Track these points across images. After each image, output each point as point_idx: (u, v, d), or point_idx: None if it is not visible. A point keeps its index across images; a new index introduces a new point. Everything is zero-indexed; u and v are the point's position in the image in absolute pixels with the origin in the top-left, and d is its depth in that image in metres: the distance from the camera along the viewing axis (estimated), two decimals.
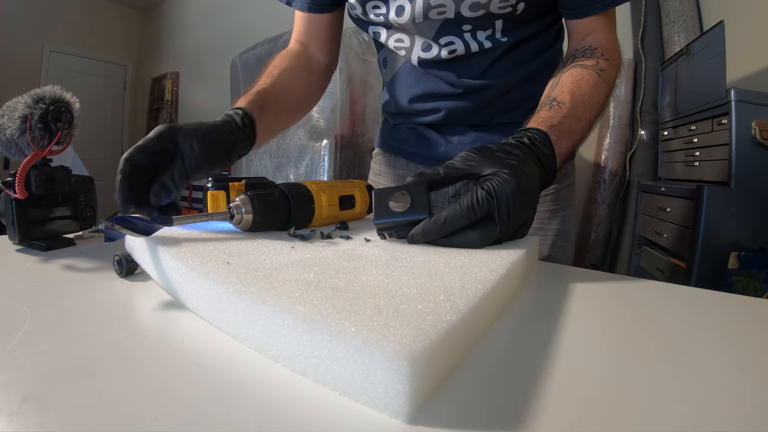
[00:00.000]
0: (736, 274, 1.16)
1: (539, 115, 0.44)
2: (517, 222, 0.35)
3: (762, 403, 0.19)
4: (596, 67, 0.47)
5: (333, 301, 0.21)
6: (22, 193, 0.40)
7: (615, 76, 0.49)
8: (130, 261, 0.33)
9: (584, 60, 0.48)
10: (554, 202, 0.60)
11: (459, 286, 0.24)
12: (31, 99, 0.41)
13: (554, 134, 0.41)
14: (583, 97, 0.45)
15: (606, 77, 0.47)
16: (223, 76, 2.87)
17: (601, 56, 0.48)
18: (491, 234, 0.34)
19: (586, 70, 0.47)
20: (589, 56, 0.48)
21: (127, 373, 0.19)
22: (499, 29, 0.52)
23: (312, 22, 0.63)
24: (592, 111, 0.46)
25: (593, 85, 0.46)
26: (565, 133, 0.42)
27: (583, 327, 0.27)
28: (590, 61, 0.48)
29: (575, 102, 0.44)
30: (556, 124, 0.42)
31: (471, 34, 0.52)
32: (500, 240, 0.36)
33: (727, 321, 0.30)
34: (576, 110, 0.44)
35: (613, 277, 0.39)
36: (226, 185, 0.46)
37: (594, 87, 0.46)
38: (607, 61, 0.48)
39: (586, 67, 0.47)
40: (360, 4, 0.54)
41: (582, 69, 0.47)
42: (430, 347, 0.17)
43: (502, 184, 0.34)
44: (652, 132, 1.77)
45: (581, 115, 0.44)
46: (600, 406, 0.18)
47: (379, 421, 0.16)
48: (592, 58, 0.48)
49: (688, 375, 0.21)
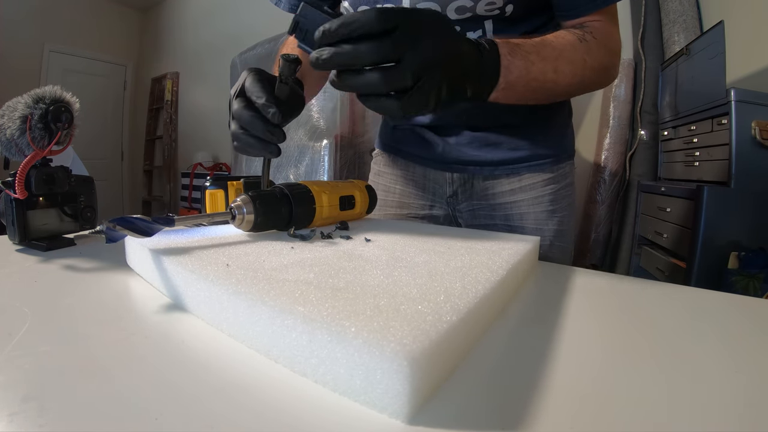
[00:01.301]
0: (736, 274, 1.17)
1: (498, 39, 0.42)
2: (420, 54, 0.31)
3: (761, 403, 0.19)
4: (580, 36, 0.46)
5: (333, 301, 0.21)
6: (22, 193, 0.40)
7: (602, 58, 0.47)
8: None
9: (571, 28, 0.47)
10: (552, 202, 0.59)
11: (459, 287, 0.24)
12: (31, 99, 0.41)
13: (504, 47, 0.39)
14: (554, 44, 0.43)
15: (588, 47, 0.45)
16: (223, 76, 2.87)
17: (590, 33, 0.46)
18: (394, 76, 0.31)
19: (569, 32, 0.46)
20: (578, 28, 0.47)
21: (127, 373, 0.19)
22: (490, 30, 0.51)
23: None
24: (561, 61, 0.43)
25: (570, 42, 0.45)
26: (520, 55, 0.40)
27: (582, 327, 0.27)
28: (577, 30, 0.47)
29: (543, 43, 0.43)
30: (513, 43, 0.40)
31: None
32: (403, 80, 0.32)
33: (726, 321, 0.30)
34: (542, 48, 0.42)
35: (613, 277, 0.39)
36: (224, 184, 0.46)
37: (570, 44, 0.44)
38: (595, 39, 0.46)
39: (570, 31, 0.46)
40: (352, 8, 0.54)
41: (565, 31, 0.46)
42: (430, 347, 0.17)
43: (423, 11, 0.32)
44: (652, 132, 1.77)
45: (547, 55, 0.42)
46: (600, 406, 0.18)
47: (379, 421, 0.17)
48: (579, 28, 0.47)
49: (687, 375, 0.21)
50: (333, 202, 0.45)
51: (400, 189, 0.68)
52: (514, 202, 0.60)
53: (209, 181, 0.47)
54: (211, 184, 0.46)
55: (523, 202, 0.60)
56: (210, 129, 3.55)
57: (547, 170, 0.59)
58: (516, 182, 0.60)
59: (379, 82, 0.31)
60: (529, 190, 0.59)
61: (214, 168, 3.39)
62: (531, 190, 0.59)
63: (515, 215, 0.60)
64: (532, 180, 0.59)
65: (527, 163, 0.59)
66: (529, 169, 0.59)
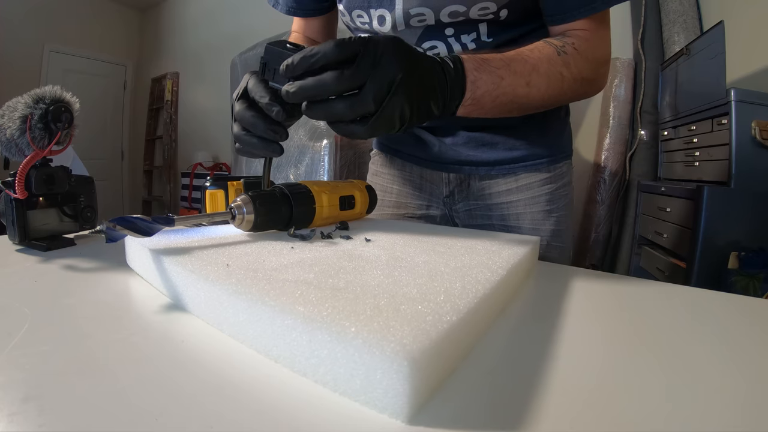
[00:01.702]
0: (736, 274, 1.17)
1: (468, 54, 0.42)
2: (383, 78, 0.33)
3: (761, 403, 0.19)
4: (560, 48, 0.45)
5: (333, 301, 0.21)
6: (22, 193, 0.40)
7: (582, 68, 0.46)
8: None
9: (552, 39, 0.46)
10: (549, 202, 0.59)
11: (459, 287, 0.24)
12: (31, 99, 0.41)
13: (471, 62, 0.40)
14: (527, 59, 0.43)
15: (566, 60, 0.45)
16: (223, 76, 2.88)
17: (571, 44, 0.46)
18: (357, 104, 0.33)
19: (548, 45, 0.45)
20: (559, 39, 0.46)
21: (127, 373, 0.19)
22: (484, 32, 0.51)
23: (307, 22, 0.65)
24: (534, 75, 0.43)
25: (546, 56, 0.44)
26: (487, 70, 0.40)
27: (582, 327, 0.27)
28: (557, 41, 0.46)
29: (516, 57, 0.43)
30: (480, 59, 0.40)
31: (455, 37, 0.52)
32: (366, 106, 0.33)
33: (726, 321, 0.30)
34: (513, 63, 0.42)
35: (613, 277, 0.39)
36: (224, 184, 0.46)
37: (546, 58, 0.44)
38: (576, 51, 0.45)
39: (550, 44, 0.45)
40: (347, 11, 0.54)
41: (544, 43, 0.45)
42: (430, 347, 0.17)
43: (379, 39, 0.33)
44: (652, 132, 1.77)
45: (518, 69, 0.42)
46: (599, 406, 0.18)
47: (379, 421, 0.17)
48: (560, 40, 0.46)
49: (687, 375, 0.21)
50: (333, 202, 0.45)
51: (397, 189, 0.68)
52: (510, 202, 0.60)
53: (209, 181, 0.47)
54: (211, 184, 0.46)
55: (520, 202, 0.60)
56: (210, 129, 3.55)
57: (543, 170, 0.59)
58: (513, 182, 0.60)
59: (344, 110, 0.33)
60: (526, 190, 0.59)
61: (214, 168, 3.39)
62: (528, 190, 0.59)
63: (512, 215, 0.60)
64: (529, 180, 0.59)
65: (524, 163, 0.59)
66: (525, 169, 0.59)
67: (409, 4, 0.49)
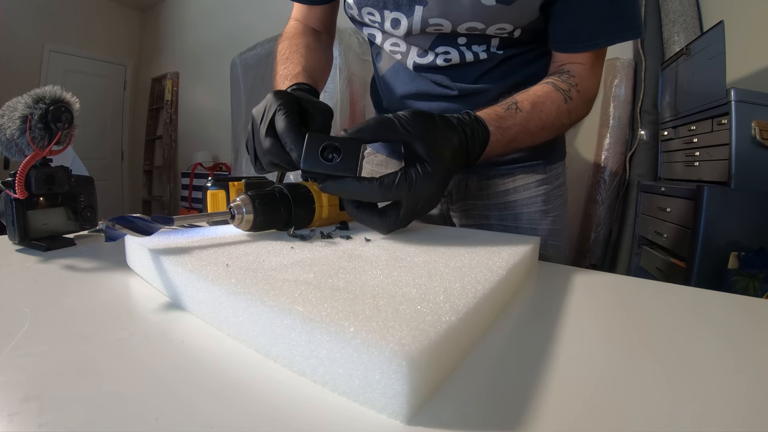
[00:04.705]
0: (736, 274, 1.16)
1: (495, 109, 0.45)
2: (419, 214, 0.38)
3: (760, 403, 0.19)
4: (567, 94, 0.48)
5: (332, 301, 0.21)
6: (22, 193, 0.40)
7: (580, 113, 0.50)
8: None
9: (560, 82, 0.49)
10: (545, 202, 0.60)
11: (459, 287, 0.24)
12: (31, 99, 0.41)
13: (495, 135, 0.42)
14: (541, 116, 0.46)
15: (570, 107, 0.48)
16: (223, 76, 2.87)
17: (575, 86, 0.49)
18: (391, 224, 0.37)
19: (558, 92, 0.48)
20: (565, 81, 0.49)
21: (127, 373, 0.19)
22: (495, 45, 0.53)
23: (309, 10, 0.65)
24: (542, 132, 0.47)
25: (557, 109, 0.47)
26: (506, 139, 0.44)
27: (582, 327, 0.27)
28: (564, 85, 0.48)
29: (532, 115, 0.45)
30: (504, 128, 0.43)
31: (466, 46, 0.53)
32: (401, 227, 0.39)
33: (726, 321, 0.30)
34: (529, 123, 0.45)
35: (613, 277, 0.39)
36: (225, 185, 0.46)
37: (556, 111, 0.47)
38: (579, 93, 0.49)
39: (558, 89, 0.48)
40: (357, 6, 0.54)
41: (554, 89, 0.48)
42: (429, 348, 0.17)
43: (424, 182, 0.35)
44: (652, 132, 1.77)
45: (531, 129, 0.46)
46: (599, 406, 0.18)
47: (378, 421, 0.17)
48: (566, 83, 0.49)
49: (687, 375, 0.21)
50: (333, 201, 0.45)
51: None
52: (508, 202, 0.61)
53: (210, 181, 0.47)
54: (212, 184, 0.46)
55: (517, 203, 0.61)
56: (210, 129, 3.55)
57: (540, 171, 0.60)
58: (510, 183, 0.61)
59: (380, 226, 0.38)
60: (523, 190, 0.61)
61: (214, 168, 3.39)
62: (525, 190, 0.61)
63: (509, 215, 0.61)
64: (526, 180, 0.60)
65: (521, 164, 0.60)
66: (523, 170, 0.60)
67: (429, 14, 0.49)
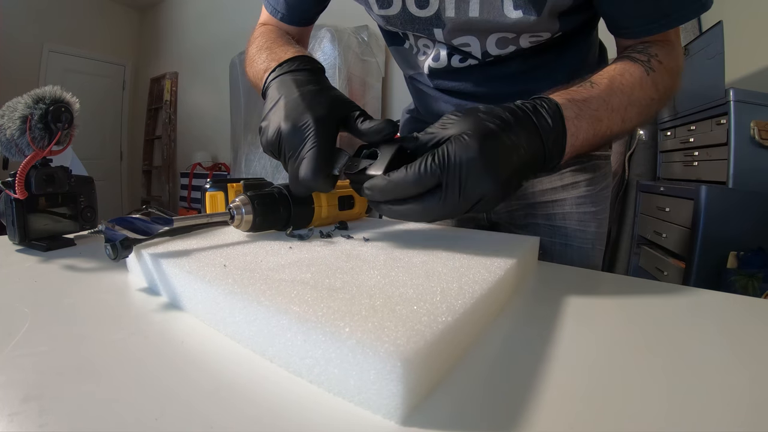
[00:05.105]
0: (735, 274, 1.17)
1: (566, 89, 0.38)
2: (470, 197, 0.30)
3: (760, 403, 0.19)
4: (647, 64, 0.41)
5: (328, 301, 0.21)
6: (22, 193, 0.40)
7: (668, 86, 0.43)
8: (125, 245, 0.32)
9: (635, 54, 0.42)
10: (594, 203, 0.56)
11: (456, 287, 0.24)
12: (31, 99, 0.41)
13: (571, 109, 0.35)
14: (623, 88, 0.39)
15: (655, 78, 0.41)
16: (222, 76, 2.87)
17: (655, 56, 0.42)
18: (434, 210, 0.31)
19: (635, 63, 0.41)
20: (641, 51, 0.43)
21: (127, 373, 0.19)
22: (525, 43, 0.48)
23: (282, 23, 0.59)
24: (630, 108, 0.39)
25: (638, 80, 0.40)
26: (588, 114, 0.36)
27: (581, 327, 0.27)
28: (642, 55, 0.42)
29: (612, 88, 0.39)
30: (579, 100, 0.36)
31: None
32: (452, 215, 0.32)
33: (726, 321, 0.30)
34: (611, 97, 0.38)
35: (612, 277, 0.39)
36: (224, 186, 0.46)
37: (639, 83, 0.40)
38: (660, 64, 0.42)
39: (636, 60, 0.41)
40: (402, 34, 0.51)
41: (630, 61, 0.41)
42: (425, 348, 0.17)
43: (457, 150, 0.29)
44: (651, 132, 1.77)
45: (616, 105, 0.38)
46: (598, 406, 0.18)
47: (373, 422, 0.17)
48: (644, 53, 0.42)
49: (686, 375, 0.21)
50: (332, 202, 0.45)
51: None
52: (556, 201, 0.57)
53: (209, 183, 0.47)
54: (211, 186, 0.46)
55: (566, 202, 0.56)
56: (209, 129, 3.54)
57: (589, 170, 0.56)
58: (557, 180, 0.56)
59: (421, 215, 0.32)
60: (572, 189, 0.56)
61: (213, 168, 3.39)
62: (573, 189, 0.56)
63: (557, 215, 0.57)
64: (575, 179, 0.56)
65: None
66: (569, 167, 0.56)
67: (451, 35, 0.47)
